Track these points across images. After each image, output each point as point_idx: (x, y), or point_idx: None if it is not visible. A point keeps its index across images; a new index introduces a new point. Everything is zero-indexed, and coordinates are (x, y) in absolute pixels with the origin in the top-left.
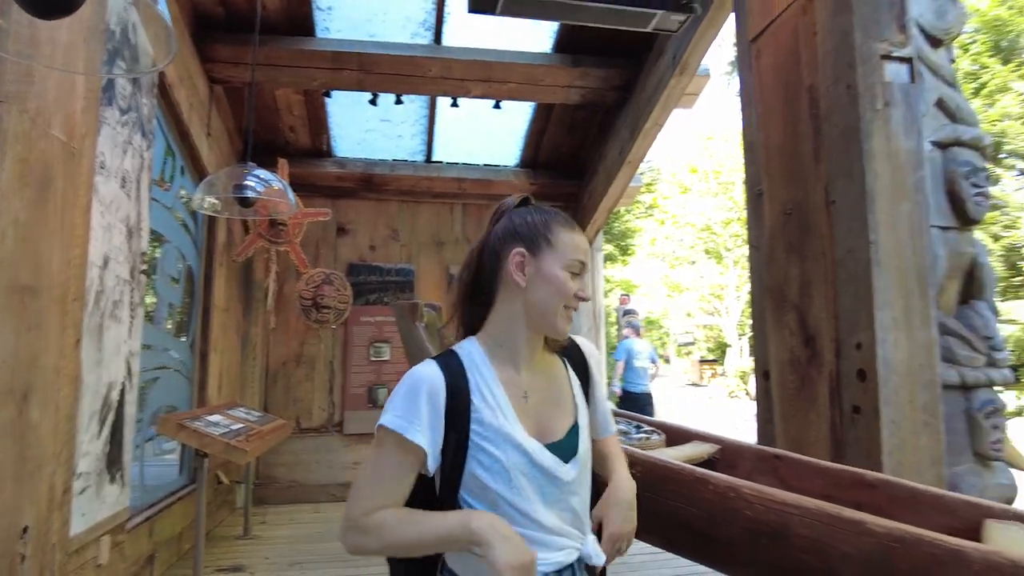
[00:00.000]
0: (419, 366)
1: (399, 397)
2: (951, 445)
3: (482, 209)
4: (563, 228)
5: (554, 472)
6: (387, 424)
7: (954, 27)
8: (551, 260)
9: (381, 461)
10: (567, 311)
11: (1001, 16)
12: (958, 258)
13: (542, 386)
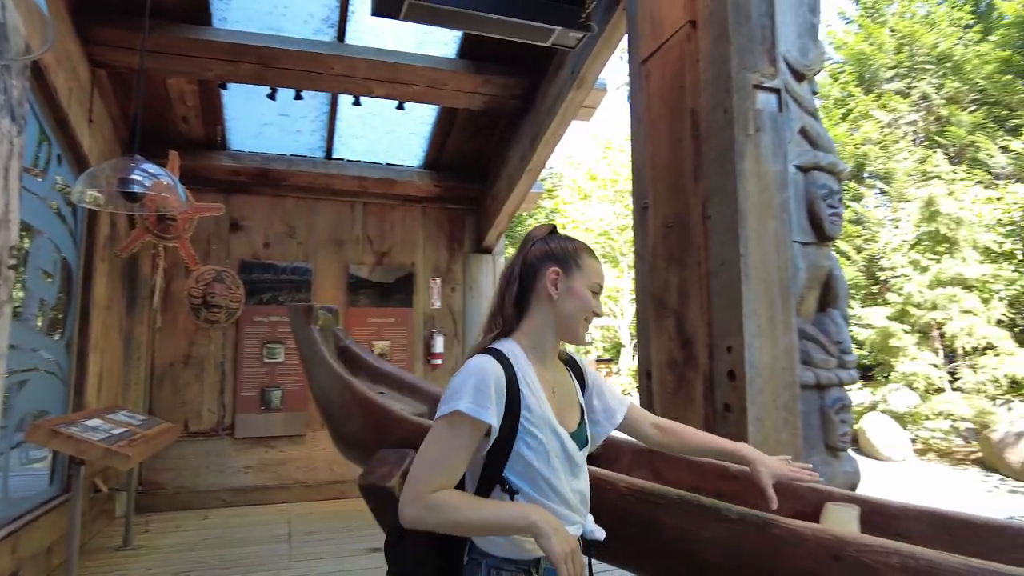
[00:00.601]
0: (480, 360)
1: (470, 387)
2: (807, 439)
3: (384, 208)
4: (588, 255)
5: (574, 456)
6: (464, 410)
7: (815, 64)
8: (579, 280)
9: (453, 442)
10: (586, 323)
11: (864, 50)
12: (816, 271)
13: (561, 385)
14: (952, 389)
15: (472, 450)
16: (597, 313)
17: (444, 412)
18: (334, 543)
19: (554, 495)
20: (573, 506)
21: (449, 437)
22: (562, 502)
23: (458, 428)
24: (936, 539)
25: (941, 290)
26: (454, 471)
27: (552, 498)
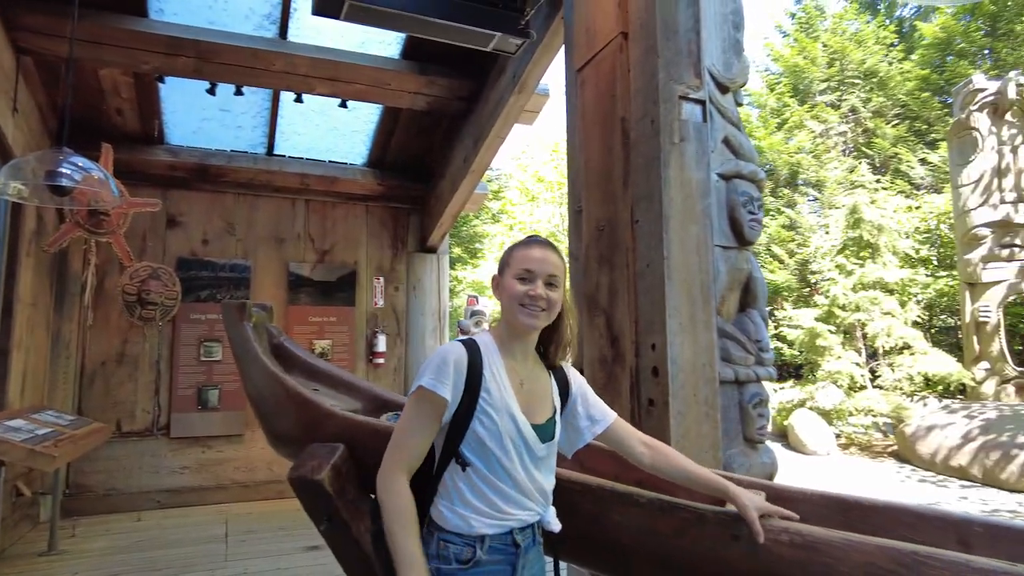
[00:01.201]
0: (447, 344)
1: (433, 365)
2: (726, 432)
3: (327, 206)
4: (521, 247)
5: (532, 445)
6: (424, 384)
7: (738, 78)
8: (508, 275)
9: (416, 418)
10: (523, 308)
11: (799, 63)
12: (736, 273)
13: (534, 380)
14: (873, 386)
15: (434, 425)
16: (531, 294)
17: (411, 390)
18: (271, 542)
19: (506, 476)
20: (528, 492)
21: (413, 414)
22: (514, 485)
23: (420, 403)
24: (831, 520)
25: (864, 293)
26: (416, 446)
27: (504, 478)
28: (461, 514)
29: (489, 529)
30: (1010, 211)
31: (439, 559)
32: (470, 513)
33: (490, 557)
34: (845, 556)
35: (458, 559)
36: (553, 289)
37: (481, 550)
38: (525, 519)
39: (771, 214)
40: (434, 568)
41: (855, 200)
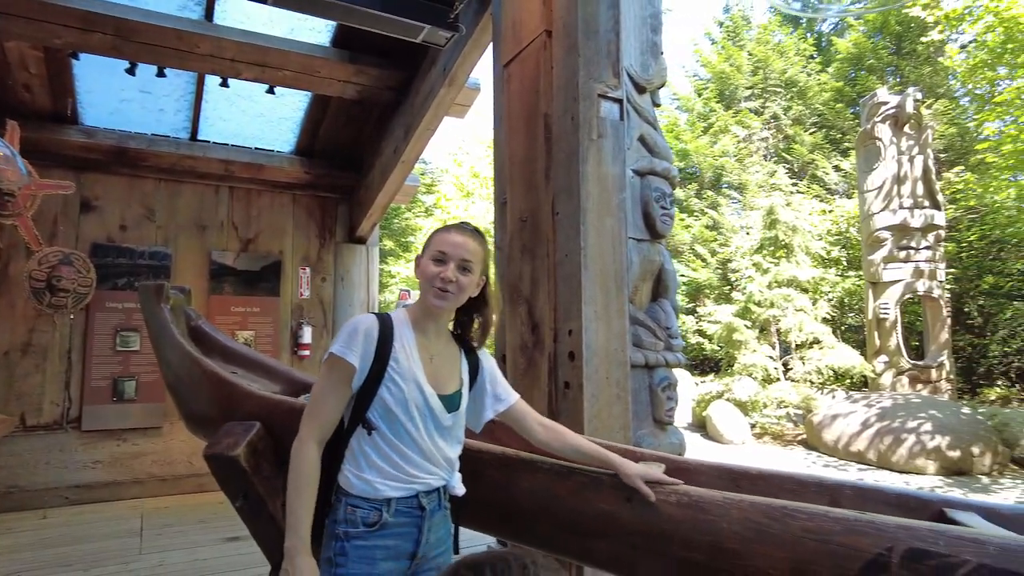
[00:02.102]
0: (359, 315)
1: (344, 334)
2: (636, 413)
3: (252, 194)
4: (441, 231)
5: (438, 415)
6: (334, 351)
7: (655, 79)
8: (425, 257)
9: (327, 386)
10: (435, 289)
11: (725, 70)
12: (649, 264)
13: (443, 356)
14: (785, 379)
15: (344, 390)
16: (443, 277)
17: (324, 359)
18: (190, 534)
19: (411, 441)
20: (432, 458)
21: (324, 381)
22: (418, 451)
23: (331, 370)
24: (724, 488)
25: (778, 290)
26: (328, 412)
27: (409, 444)
28: (367, 479)
29: (395, 492)
30: (907, 216)
31: (347, 523)
32: (376, 477)
33: (396, 520)
34: (725, 513)
35: (365, 522)
36: (465, 274)
37: (388, 513)
38: (431, 483)
39: (695, 215)
40: (342, 531)
41: (772, 202)
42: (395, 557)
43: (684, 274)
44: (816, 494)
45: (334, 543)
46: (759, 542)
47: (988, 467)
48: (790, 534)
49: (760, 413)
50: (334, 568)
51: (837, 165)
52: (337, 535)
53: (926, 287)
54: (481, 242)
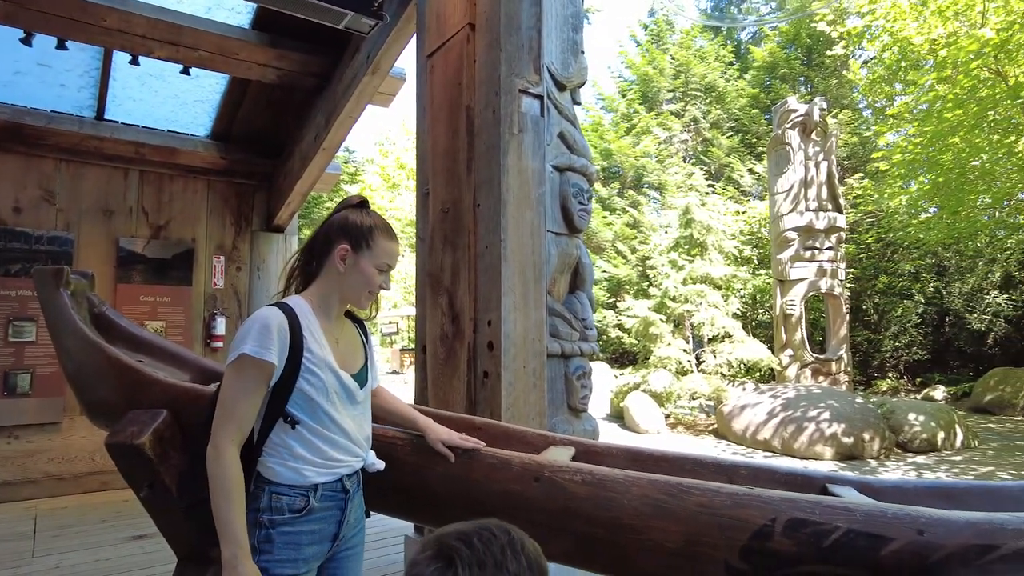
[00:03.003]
0: (265, 309)
1: (255, 332)
2: (552, 401)
3: (164, 178)
4: (383, 236)
5: (353, 392)
6: (248, 352)
7: (575, 77)
8: (367, 259)
9: (242, 387)
10: (370, 295)
11: (648, 73)
12: (567, 258)
13: (345, 336)
14: (697, 371)
15: (261, 390)
16: (383, 286)
17: (231, 359)
18: (91, 535)
19: (334, 426)
20: (354, 439)
21: (238, 383)
22: (343, 434)
23: (245, 372)
24: (629, 468)
25: (692, 286)
26: (245, 414)
27: (333, 428)
28: (294, 467)
29: (322, 478)
30: (812, 218)
31: (271, 511)
32: (303, 465)
33: (322, 504)
34: (626, 490)
35: (291, 509)
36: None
37: (314, 498)
38: (353, 465)
39: (617, 213)
40: (266, 520)
41: (688, 202)
42: (319, 541)
43: (606, 270)
44: (714, 474)
45: (257, 531)
46: (656, 517)
47: (877, 451)
48: (685, 509)
49: (674, 404)
50: (258, 556)
51: (751, 168)
52: (260, 523)
53: (828, 285)
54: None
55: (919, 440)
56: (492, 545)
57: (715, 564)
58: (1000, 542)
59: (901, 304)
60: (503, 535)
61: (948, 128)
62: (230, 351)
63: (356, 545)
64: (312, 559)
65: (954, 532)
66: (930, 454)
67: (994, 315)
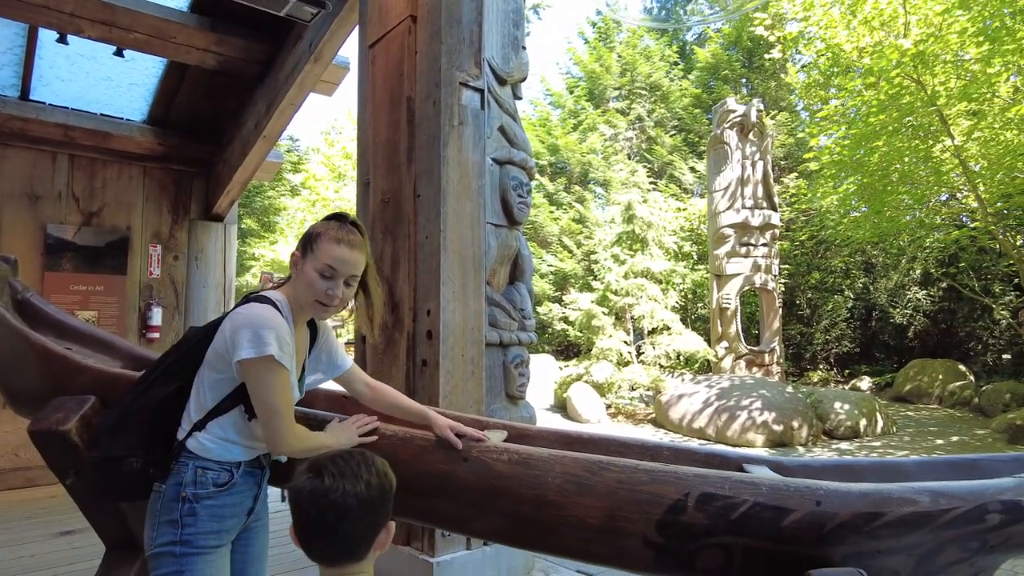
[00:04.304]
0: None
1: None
2: (490, 389)
3: (96, 163)
4: (328, 240)
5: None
6: (277, 358)
7: (516, 72)
8: (310, 263)
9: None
10: (318, 304)
11: (595, 70)
12: (506, 249)
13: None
14: (637, 362)
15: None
16: (330, 293)
17: (254, 355)
18: (15, 532)
19: None
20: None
21: (275, 380)
22: None
23: (275, 372)
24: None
25: (633, 280)
26: (290, 405)
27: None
28: (228, 447)
29: (245, 456)
30: (748, 215)
31: (196, 484)
32: (236, 447)
33: (242, 480)
34: (550, 467)
35: (215, 483)
36: (350, 287)
37: (238, 474)
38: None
39: (564, 208)
40: (190, 494)
41: (630, 198)
42: (239, 514)
43: (552, 264)
44: (638, 454)
45: (181, 505)
46: (579, 494)
47: (805, 438)
48: (605, 485)
49: (615, 394)
50: (181, 529)
51: (693, 167)
52: (184, 497)
53: (762, 280)
54: (365, 246)
55: (844, 427)
56: (350, 462)
57: (634, 538)
58: (886, 509)
59: (832, 299)
60: (359, 455)
61: (872, 132)
62: (243, 345)
63: (262, 517)
64: (233, 530)
65: (847, 502)
66: (853, 440)
67: (914, 310)
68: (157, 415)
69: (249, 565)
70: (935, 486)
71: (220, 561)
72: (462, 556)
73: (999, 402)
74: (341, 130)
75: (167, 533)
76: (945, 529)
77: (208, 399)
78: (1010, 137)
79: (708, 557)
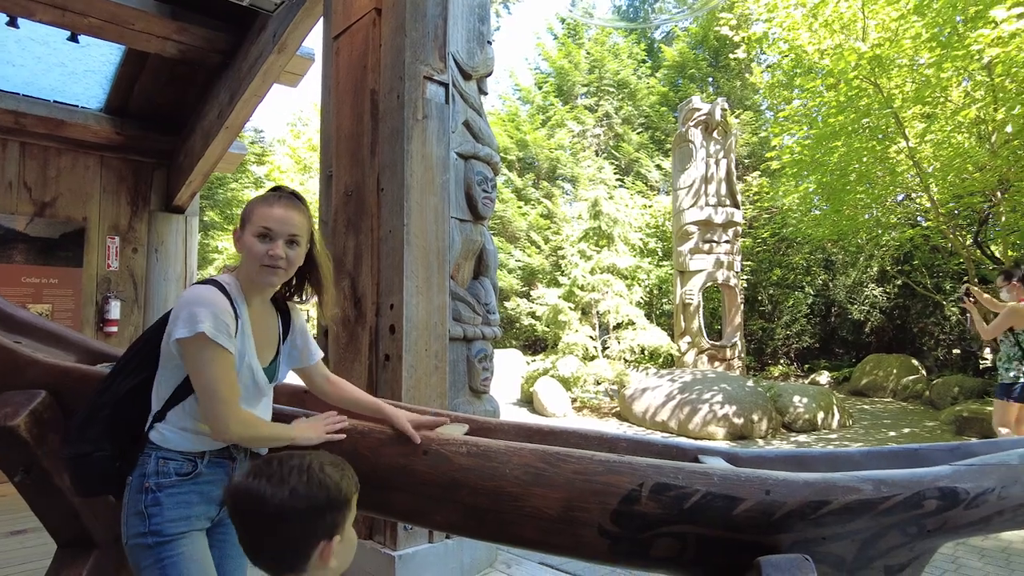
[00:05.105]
0: (208, 290)
1: (208, 315)
2: (454, 383)
3: (49, 152)
4: (261, 204)
5: (262, 387)
6: (212, 336)
7: (480, 67)
8: (248, 232)
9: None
10: (264, 268)
11: (564, 66)
12: (471, 244)
13: (263, 325)
14: (603, 356)
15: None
16: (272, 253)
17: (187, 334)
18: None
19: None
20: None
21: (210, 359)
22: None
23: (210, 350)
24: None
25: (599, 276)
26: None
27: None
28: (189, 437)
29: (210, 446)
30: (711, 213)
31: (158, 475)
32: (196, 436)
33: (209, 470)
34: (508, 460)
35: (178, 473)
36: (294, 247)
37: (202, 464)
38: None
39: (532, 203)
40: (153, 484)
41: (596, 195)
42: (207, 502)
43: (520, 259)
44: (596, 445)
45: (144, 496)
46: (536, 485)
47: (764, 431)
48: (562, 477)
49: (580, 388)
50: (147, 520)
51: (659, 164)
52: (147, 488)
53: (725, 277)
54: (304, 211)
55: (802, 420)
56: (284, 465)
57: (590, 528)
58: (832, 498)
59: (793, 295)
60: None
61: (832, 132)
62: (177, 325)
63: None
64: (202, 517)
65: (795, 491)
66: (811, 433)
67: (871, 306)
68: (121, 408)
69: (226, 560)
70: (878, 474)
71: (196, 544)
72: (424, 549)
73: (948, 395)
74: (307, 122)
75: (136, 524)
76: (886, 515)
77: (164, 388)
78: (960, 140)
79: (662, 545)
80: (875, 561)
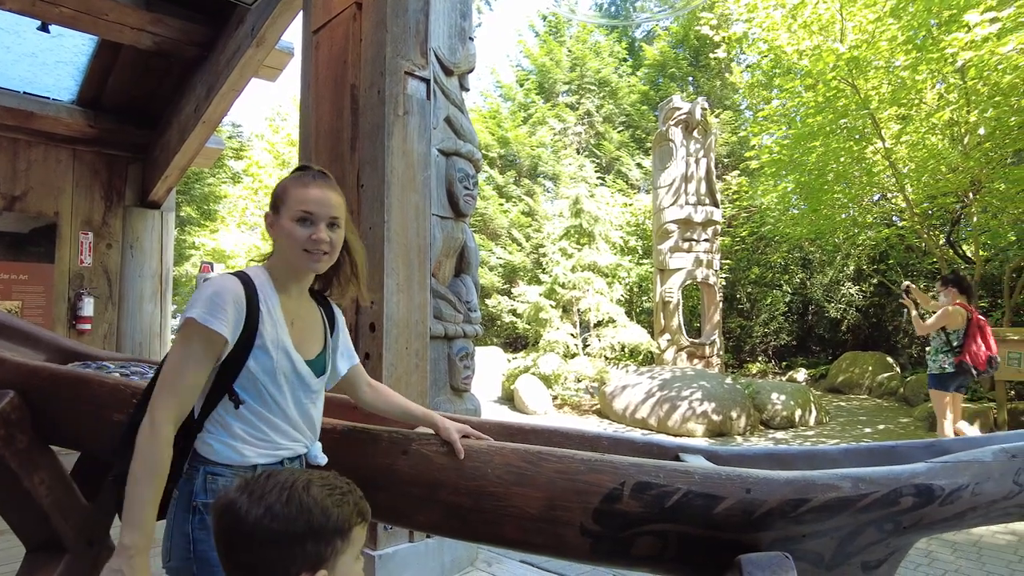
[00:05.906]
0: (220, 277)
1: (204, 298)
2: (435, 381)
3: (20, 144)
4: (296, 186)
5: (308, 380)
6: (196, 318)
7: (462, 63)
8: (284, 215)
9: (188, 356)
10: (307, 253)
11: (545, 64)
12: (452, 241)
13: (304, 317)
14: (583, 354)
15: (209, 362)
16: (313, 239)
17: (179, 324)
18: None
19: (278, 410)
20: (297, 426)
21: (185, 352)
22: (285, 419)
23: (193, 340)
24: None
25: (580, 274)
26: (190, 388)
27: (276, 412)
28: (233, 446)
29: (261, 459)
30: (691, 211)
31: (206, 493)
32: (242, 444)
33: None
34: (490, 459)
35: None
36: (335, 230)
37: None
38: (296, 449)
39: (513, 201)
40: (202, 504)
41: (578, 193)
42: None
43: (501, 257)
44: (578, 443)
45: (192, 517)
46: (518, 484)
47: (743, 428)
48: (544, 476)
49: (561, 386)
50: (194, 545)
51: (639, 163)
52: (195, 508)
53: (704, 275)
54: (338, 190)
55: (780, 417)
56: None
57: (571, 527)
58: (811, 496)
59: (771, 294)
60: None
61: (810, 132)
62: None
63: None
64: None
65: (775, 489)
66: (789, 430)
67: (848, 304)
68: None
69: None
70: (856, 472)
71: None
72: (404, 549)
73: (921, 392)
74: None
75: (181, 546)
76: (864, 512)
77: (203, 395)
78: (935, 141)
79: (643, 544)
80: (853, 558)
